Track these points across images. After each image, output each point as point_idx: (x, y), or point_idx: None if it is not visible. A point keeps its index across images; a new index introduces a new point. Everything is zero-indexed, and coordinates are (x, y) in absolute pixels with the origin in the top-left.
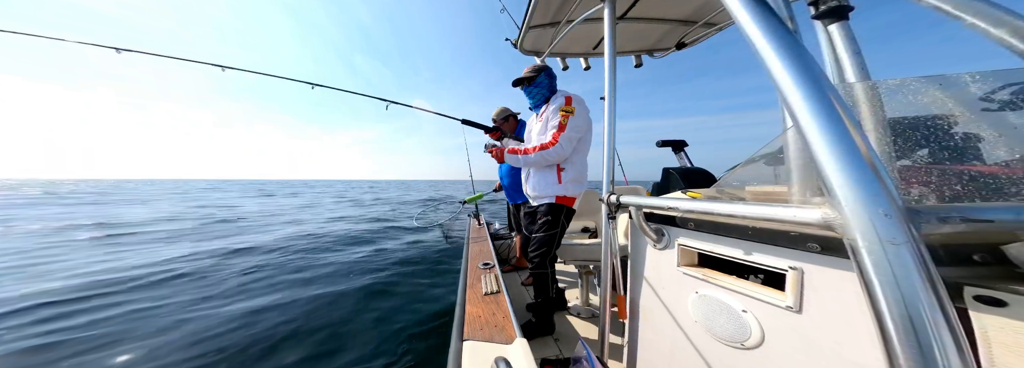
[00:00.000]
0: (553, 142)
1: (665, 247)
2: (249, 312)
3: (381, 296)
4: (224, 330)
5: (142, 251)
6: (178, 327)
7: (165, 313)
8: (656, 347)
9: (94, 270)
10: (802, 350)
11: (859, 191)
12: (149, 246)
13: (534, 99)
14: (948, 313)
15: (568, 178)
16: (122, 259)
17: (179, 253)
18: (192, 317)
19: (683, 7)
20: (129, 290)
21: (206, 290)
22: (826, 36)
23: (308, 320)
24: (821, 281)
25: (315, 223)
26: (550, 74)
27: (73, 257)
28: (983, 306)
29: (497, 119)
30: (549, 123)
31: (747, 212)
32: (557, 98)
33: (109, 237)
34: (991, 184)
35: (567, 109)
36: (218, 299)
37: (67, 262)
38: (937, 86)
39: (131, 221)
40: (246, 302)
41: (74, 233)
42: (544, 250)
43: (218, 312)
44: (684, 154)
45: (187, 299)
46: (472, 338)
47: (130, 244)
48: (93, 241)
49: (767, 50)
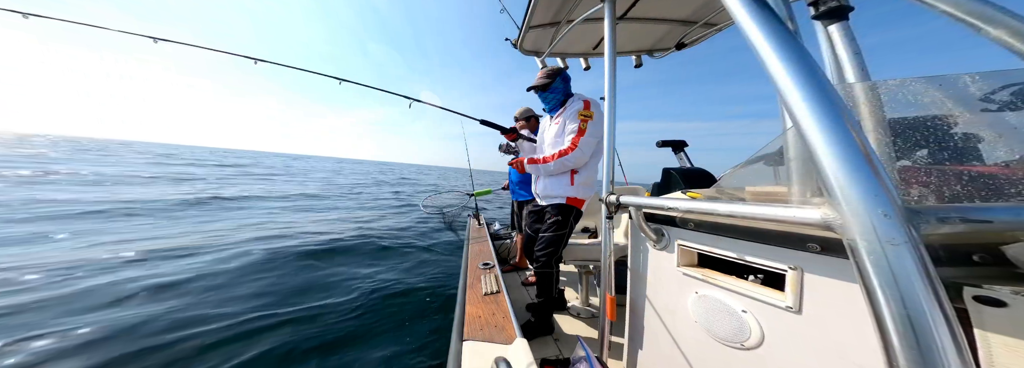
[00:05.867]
0: (573, 147)
1: (665, 247)
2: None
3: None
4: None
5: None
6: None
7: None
8: (656, 347)
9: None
10: (802, 350)
11: (859, 191)
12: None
13: (550, 103)
14: (948, 313)
15: (580, 180)
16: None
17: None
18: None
19: (683, 7)
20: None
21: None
22: (826, 36)
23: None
24: (821, 281)
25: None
26: (565, 78)
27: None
28: (983, 306)
29: (520, 118)
30: (567, 127)
31: (747, 212)
32: (574, 102)
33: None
34: (991, 184)
35: (586, 113)
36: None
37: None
38: (937, 86)
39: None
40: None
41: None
42: (551, 250)
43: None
44: (684, 154)
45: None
46: (472, 338)
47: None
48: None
49: (767, 50)
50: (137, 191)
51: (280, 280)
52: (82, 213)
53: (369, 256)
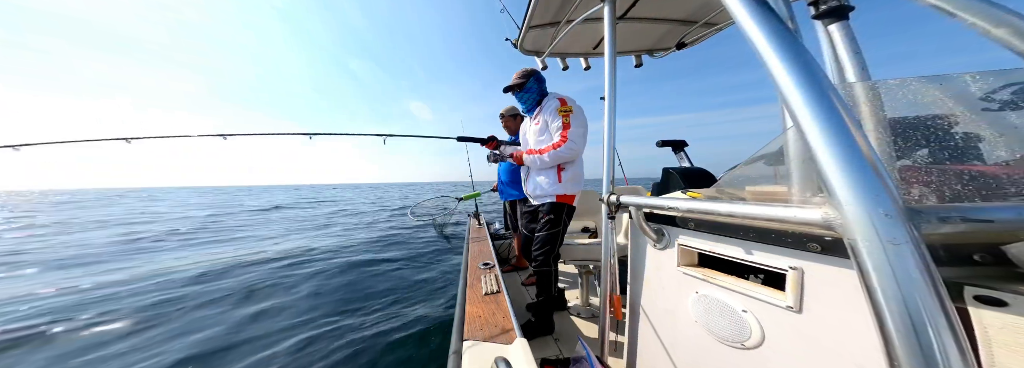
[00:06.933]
0: (564, 140)
1: (665, 247)
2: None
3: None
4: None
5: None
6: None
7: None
8: (656, 347)
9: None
10: (802, 350)
11: (859, 191)
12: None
13: (526, 104)
14: (948, 313)
15: (567, 177)
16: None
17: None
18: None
19: (683, 7)
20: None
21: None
22: (826, 36)
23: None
24: (821, 281)
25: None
26: (539, 78)
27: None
28: (983, 306)
29: (506, 114)
30: (550, 125)
31: (747, 212)
32: (550, 101)
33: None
34: (991, 184)
35: (565, 109)
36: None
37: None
38: (937, 86)
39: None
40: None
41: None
42: (548, 248)
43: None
44: (684, 154)
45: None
46: (472, 338)
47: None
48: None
49: (767, 50)
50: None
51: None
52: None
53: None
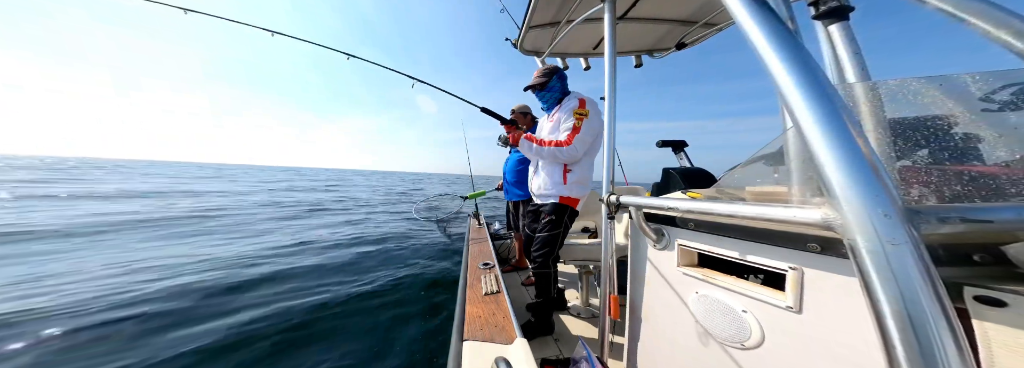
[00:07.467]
0: (567, 143)
1: (665, 247)
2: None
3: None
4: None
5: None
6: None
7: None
8: (656, 347)
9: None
10: (802, 350)
11: (859, 191)
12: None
13: (547, 102)
14: (948, 313)
15: (573, 179)
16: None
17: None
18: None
19: (683, 7)
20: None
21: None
22: (826, 36)
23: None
24: (821, 281)
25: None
26: (562, 76)
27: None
28: (983, 306)
29: (516, 111)
30: (562, 124)
31: (747, 212)
32: (570, 100)
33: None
34: (991, 184)
35: (581, 112)
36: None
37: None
38: (937, 86)
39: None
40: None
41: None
42: (547, 250)
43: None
44: (684, 154)
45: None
46: (472, 338)
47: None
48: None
49: (767, 50)
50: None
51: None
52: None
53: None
